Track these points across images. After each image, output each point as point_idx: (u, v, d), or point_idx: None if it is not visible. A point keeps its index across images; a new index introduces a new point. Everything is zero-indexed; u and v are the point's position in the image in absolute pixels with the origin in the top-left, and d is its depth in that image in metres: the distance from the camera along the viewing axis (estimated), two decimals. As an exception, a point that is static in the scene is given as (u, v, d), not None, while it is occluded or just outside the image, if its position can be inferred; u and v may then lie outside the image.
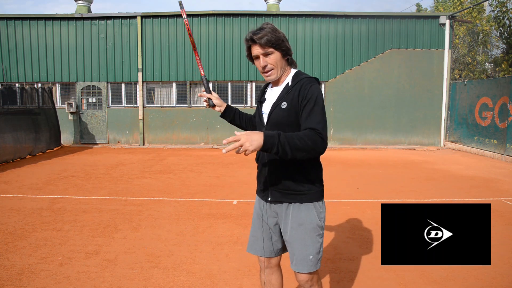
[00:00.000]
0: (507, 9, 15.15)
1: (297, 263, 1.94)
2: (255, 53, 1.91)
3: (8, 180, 7.10)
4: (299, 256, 1.94)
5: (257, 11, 12.73)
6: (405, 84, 12.51)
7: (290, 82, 1.93)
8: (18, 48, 12.74)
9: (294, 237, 1.94)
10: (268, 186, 1.99)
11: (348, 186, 6.58)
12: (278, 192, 1.96)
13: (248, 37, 1.91)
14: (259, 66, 1.93)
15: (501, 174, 7.89)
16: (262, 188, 2.04)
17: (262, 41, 1.85)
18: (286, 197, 1.94)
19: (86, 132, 13.04)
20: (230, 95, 12.78)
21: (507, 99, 9.70)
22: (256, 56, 1.92)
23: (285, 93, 1.90)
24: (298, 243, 1.93)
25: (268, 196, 2.00)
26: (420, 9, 23.09)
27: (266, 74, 1.93)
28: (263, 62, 1.90)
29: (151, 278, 3.16)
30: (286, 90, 1.91)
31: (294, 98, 1.84)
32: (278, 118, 1.89)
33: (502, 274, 3.25)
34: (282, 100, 1.89)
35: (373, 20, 12.48)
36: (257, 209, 2.13)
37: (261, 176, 2.05)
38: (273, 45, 1.86)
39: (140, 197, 5.84)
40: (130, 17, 12.56)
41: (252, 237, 2.14)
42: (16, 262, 3.45)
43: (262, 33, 1.86)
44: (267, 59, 1.89)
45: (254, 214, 2.15)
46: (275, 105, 1.91)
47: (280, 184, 1.94)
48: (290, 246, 1.98)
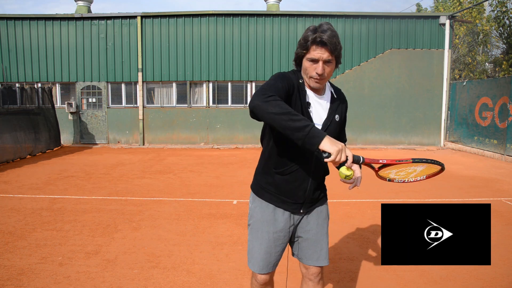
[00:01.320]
0: (507, 9, 15.15)
1: (324, 257, 2.00)
2: (316, 57, 1.70)
3: (8, 180, 7.10)
4: (325, 249, 2.00)
5: (257, 11, 12.73)
6: (405, 84, 12.51)
7: (334, 93, 1.93)
8: (18, 48, 12.74)
9: (320, 232, 2.00)
10: (304, 200, 1.92)
11: (348, 186, 6.58)
12: (310, 203, 1.97)
13: (316, 38, 1.68)
14: (313, 71, 1.73)
15: (501, 174, 7.89)
16: (295, 201, 1.90)
17: (332, 47, 1.69)
18: (316, 203, 2.00)
19: (86, 132, 13.04)
20: (230, 95, 12.78)
21: (507, 99, 9.69)
22: (316, 59, 1.71)
23: (335, 106, 1.91)
24: (325, 236, 2.02)
25: (300, 209, 1.93)
26: (420, 9, 23.09)
27: (317, 81, 1.76)
28: (321, 69, 1.72)
29: (151, 278, 3.16)
30: (334, 102, 1.92)
31: (343, 112, 1.95)
32: (333, 131, 1.88)
33: (502, 274, 3.24)
34: (335, 113, 1.90)
35: (373, 20, 12.48)
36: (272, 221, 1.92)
37: (298, 191, 1.88)
38: (336, 56, 1.73)
39: (140, 197, 5.84)
40: (130, 17, 12.56)
41: (266, 254, 1.92)
42: (16, 262, 3.45)
43: (330, 35, 1.68)
44: (326, 67, 1.73)
45: (264, 228, 1.93)
46: (330, 118, 1.87)
47: (315, 195, 1.97)
48: (314, 242, 1.98)
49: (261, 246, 1.93)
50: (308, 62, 1.75)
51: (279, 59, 12.52)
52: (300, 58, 1.79)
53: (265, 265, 1.93)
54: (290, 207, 1.91)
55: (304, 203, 1.93)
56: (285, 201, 1.90)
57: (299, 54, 1.78)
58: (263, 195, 1.95)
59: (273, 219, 1.92)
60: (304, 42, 1.72)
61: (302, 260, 2.03)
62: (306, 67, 1.77)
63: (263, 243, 1.93)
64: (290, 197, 1.89)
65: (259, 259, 1.93)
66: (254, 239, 1.96)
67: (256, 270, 1.95)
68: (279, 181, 1.88)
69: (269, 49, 12.55)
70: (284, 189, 1.89)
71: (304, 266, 2.04)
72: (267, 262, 1.93)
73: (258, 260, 1.93)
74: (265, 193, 1.93)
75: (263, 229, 1.93)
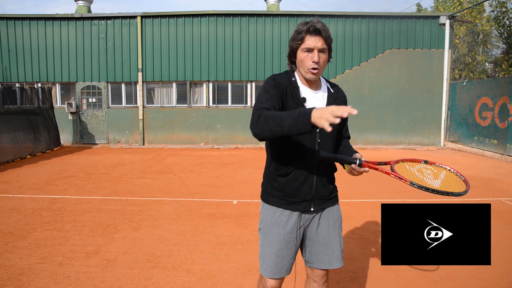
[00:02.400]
0: (507, 9, 15.15)
1: (338, 259, 1.97)
2: (311, 45, 1.77)
3: (8, 180, 7.10)
4: (338, 251, 1.98)
5: (257, 11, 12.73)
6: (405, 84, 12.51)
7: (330, 88, 1.95)
8: (18, 48, 12.74)
9: (332, 234, 1.97)
10: (313, 196, 1.90)
11: (348, 186, 6.58)
12: (320, 200, 1.93)
13: (310, 27, 1.77)
14: (309, 60, 1.79)
15: (501, 174, 7.89)
16: (303, 198, 1.89)
17: (325, 35, 1.77)
18: (327, 203, 1.97)
19: (86, 132, 13.04)
20: (230, 95, 12.78)
21: (507, 99, 9.69)
22: (310, 48, 1.78)
23: (333, 99, 1.93)
24: (337, 239, 1.98)
25: (311, 207, 1.91)
26: (420, 9, 23.10)
27: (313, 71, 1.81)
28: (317, 57, 1.78)
29: (151, 278, 3.16)
30: (332, 96, 1.93)
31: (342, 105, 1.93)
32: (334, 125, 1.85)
33: (502, 274, 3.25)
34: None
35: (373, 20, 12.48)
36: (282, 224, 1.91)
37: (305, 186, 1.87)
38: (329, 44, 1.81)
39: (140, 197, 5.84)
40: (130, 17, 12.56)
41: (277, 257, 1.90)
42: (16, 262, 3.45)
43: (323, 26, 1.77)
44: (321, 55, 1.80)
45: (274, 231, 1.91)
46: None
47: (325, 192, 1.93)
48: (326, 244, 1.95)
49: (272, 250, 1.91)
50: (303, 53, 1.81)
51: (279, 59, 12.52)
52: (294, 51, 1.84)
53: (277, 269, 1.91)
54: (299, 206, 1.89)
55: (313, 199, 1.90)
56: (292, 202, 1.89)
57: (293, 46, 1.83)
58: (270, 200, 1.95)
59: (282, 222, 1.91)
60: (298, 34, 1.80)
61: (313, 264, 1.98)
62: (301, 59, 1.82)
63: (274, 246, 1.91)
64: (296, 196, 1.88)
65: (272, 264, 1.90)
66: (265, 243, 1.95)
67: (268, 275, 1.91)
68: (283, 183, 1.89)
69: (269, 49, 12.55)
70: (290, 190, 1.88)
71: (310, 267, 2.02)
72: (279, 266, 1.91)
73: (270, 264, 1.91)
74: (272, 198, 1.94)
75: (273, 232, 1.92)
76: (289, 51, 1.88)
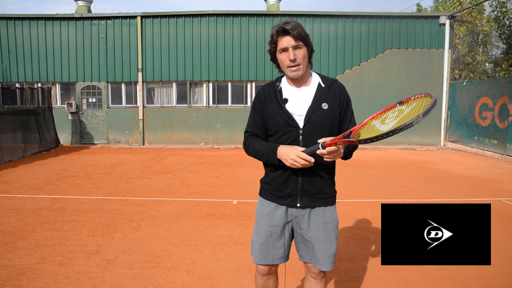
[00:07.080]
0: (507, 9, 15.15)
1: (324, 262, 1.98)
2: (284, 45, 1.84)
3: (8, 180, 7.10)
4: (326, 255, 1.98)
5: (257, 11, 12.73)
6: (405, 84, 12.51)
7: (322, 83, 1.95)
8: (18, 48, 12.75)
9: (320, 236, 1.97)
10: (298, 191, 1.93)
11: (348, 186, 6.58)
12: (308, 197, 1.94)
13: (278, 29, 1.84)
14: (286, 59, 1.86)
15: (501, 174, 7.89)
16: (288, 193, 1.95)
17: (295, 33, 1.81)
18: (317, 201, 1.96)
19: (86, 132, 13.04)
20: (230, 95, 12.78)
21: (507, 99, 9.70)
22: (284, 48, 1.85)
23: (322, 94, 1.93)
24: (325, 241, 1.98)
25: (297, 202, 1.94)
26: (420, 9, 23.09)
27: (293, 69, 1.86)
28: (292, 55, 1.84)
29: (151, 278, 3.16)
30: (321, 91, 1.94)
31: (335, 99, 1.94)
32: (320, 119, 1.89)
33: (502, 274, 3.25)
34: (321, 101, 1.91)
35: (373, 20, 12.48)
36: (269, 215, 2.00)
37: (289, 181, 1.93)
38: (303, 40, 1.84)
39: (140, 197, 5.84)
40: (130, 17, 12.56)
41: (262, 245, 2.01)
42: (16, 262, 3.45)
43: (293, 25, 1.82)
44: (296, 52, 1.85)
45: (262, 221, 2.02)
46: (314, 106, 1.89)
47: (312, 189, 1.94)
48: (313, 246, 1.97)
49: (258, 238, 2.04)
50: (281, 55, 1.89)
51: (279, 59, 12.51)
52: (273, 55, 1.95)
53: (262, 256, 2.02)
54: (285, 200, 1.97)
55: (299, 195, 1.93)
56: (279, 195, 1.98)
57: (271, 51, 1.94)
58: (262, 193, 2.08)
59: (270, 214, 2.01)
60: (271, 38, 1.90)
61: (305, 259, 2.04)
62: (281, 60, 1.90)
63: (260, 235, 2.03)
64: (283, 189, 1.96)
65: (257, 251, 2.04)
66: (255, 231, 2.08)
67: (254, 260, 2.06)
68: (272, 177, 2.00)
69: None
70: (277, 183, 1.98)
71: (304, 262, 2.07)
72: (264, 254, 2.02)
73: (256, 250, 2.05)
74: (264, 192, 2.06)
75: (261, 222, 2.04)
76: (270, 56, 1.98)
